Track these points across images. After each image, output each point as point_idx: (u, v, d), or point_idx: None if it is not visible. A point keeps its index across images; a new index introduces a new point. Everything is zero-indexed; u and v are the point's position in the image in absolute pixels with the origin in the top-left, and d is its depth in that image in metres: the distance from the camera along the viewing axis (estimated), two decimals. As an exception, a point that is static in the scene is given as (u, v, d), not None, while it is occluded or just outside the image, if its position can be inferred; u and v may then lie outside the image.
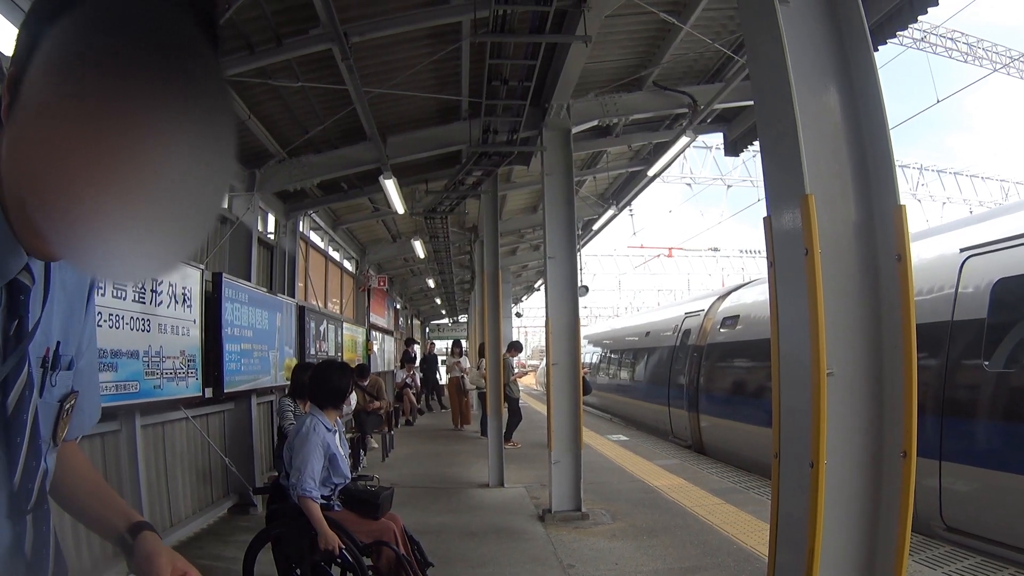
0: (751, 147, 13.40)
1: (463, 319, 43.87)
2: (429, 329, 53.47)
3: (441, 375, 27.14)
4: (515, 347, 17.91)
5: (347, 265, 21.30)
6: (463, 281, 29.80)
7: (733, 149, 13.74)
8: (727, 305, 16.18)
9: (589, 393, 19.78)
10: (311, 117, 10.55)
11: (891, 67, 18.70)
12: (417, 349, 28.08)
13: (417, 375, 24.36)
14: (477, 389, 18.88)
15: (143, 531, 1.62)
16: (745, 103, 11.38)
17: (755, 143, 12.70)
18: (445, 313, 46.90)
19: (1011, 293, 7.57)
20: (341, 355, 16.35)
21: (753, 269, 49.87)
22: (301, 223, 14.52)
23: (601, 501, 9.93)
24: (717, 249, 55.16)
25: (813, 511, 3.34)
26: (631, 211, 26.37)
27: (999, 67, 32.43)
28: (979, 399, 7.89)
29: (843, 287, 3.55)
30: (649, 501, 10.13)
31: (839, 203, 3.60)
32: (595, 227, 21.45)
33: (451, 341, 24.33)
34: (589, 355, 29.27)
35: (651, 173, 15.20)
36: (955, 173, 40.50)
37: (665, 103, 11.40)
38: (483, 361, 15.29)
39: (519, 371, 18.21)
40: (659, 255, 54.54)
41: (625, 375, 24.55)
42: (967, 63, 33.62)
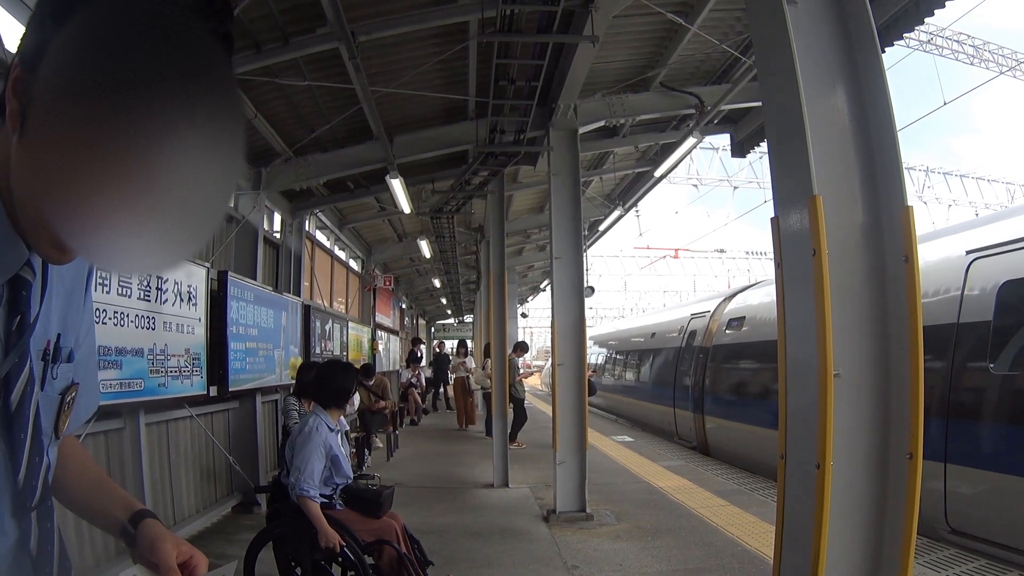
0: (758, 148, 13.39)
1: (468, 319, 43.97)
2: (435, 329, 53.57)
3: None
4: (521, 347, 17.90)
5: (353, 264, 21.33)
6: (469, 281, 29.83)
7: (740, 150, 13.74)
8: (733, 306, 16.17)
9: (594, 394, 19.79)
10: (317, 116, 10.56)
11: (898, 69, 18.73)
12: (423, 349, 28.11)
13: (423, 375, 24.34)
14: (482, 389, 18.88)
15: (145, 519, 1.59)
16: (752, 104, 11.39)
17: (762, 144, 12.69)
18: (451, 313, 46.98)
19: (1017, 295, 7.55)
20: (347, 354, 16.38)
21: (759, 271, 49.91)
22: (307, 222, 14.55)
23: (606, 502, 9.91)
24: (723, 250, 55.22)
25: (819, 513, 3.33)
26: (637, 212, 26.38)
27: (1005, 70, 32.38)
28: (984, 401, 7.88)
29: (850, 288, 3.54)
30: (654, 502, 10.12)
31: (846, 204, 3.59)
32: (601, 228, 21.47)
33: (456, 341, 24.31)
34: (594, 356, 29.23)
35: (658, 174, 15.22)
36: (961, 176, 40.46)
37: (672, 104, 11.39)
38: (488, 361, 15.28)
39: (524, 371, 18.18)
40: (665, 256, 54.67)
41: (630, 376, 24.53)
42: (973, 65, 33.58)
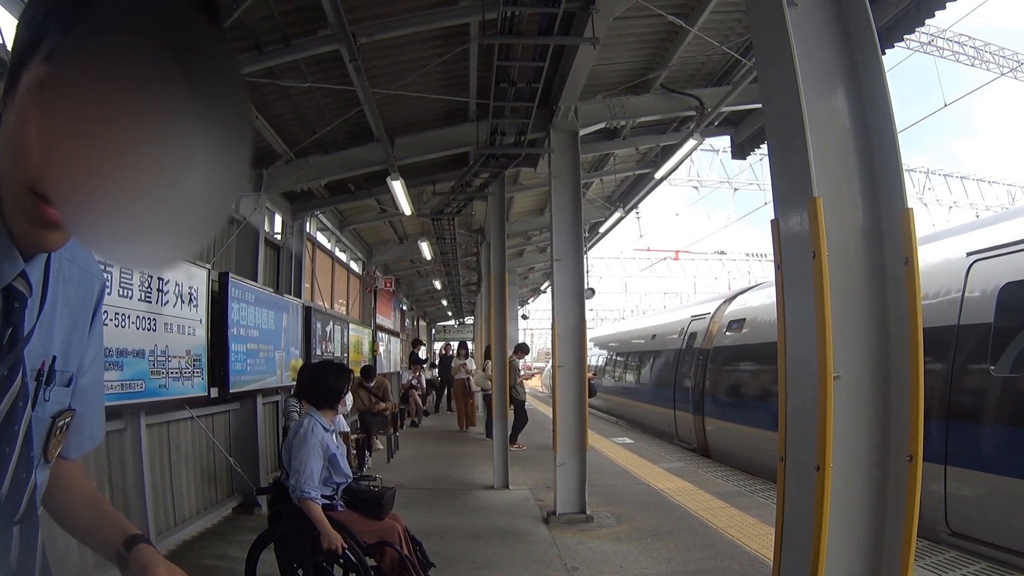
0: (758, 150, 13.38)
1: (469, 321, 43.93)
2: (435, 331, 53.52)
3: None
4: (522, 349, 17.89)
5: (354, 266, 21.33)
6: (469, 283, 29.81)
7: (740, 152, 13.74)
8: (733, 308, 16.17)
9: (594, 396, 19.78)
10: (319, 118, 10.57)
11: (898, 71, 18.70)
12: (423, 350, 28.09)
13: (423, 376, 24.32)
14: (483, 391, 18.88)
15: (138, 544, 1.60)
16: (752, 106, 11.39)
17: (762, 146, 12.70)
18: (451, 315, 46.93)
19: (1018, 297, 7.55)
20: (347, 356, 16.37)
21: (759, 272, 50.01)
22: (308, 224, 14.55)
23: (606, 504, 9.91)
24: (723, 252, 55.36)
25: (819, 515, 3.34)
26: (638, 214, 26.31)
27: (1006, 71, 32.32)
28: (985, 403, 7.87)
29: (850, 290, 3.54)
30: (654, 504, 10.12)
31: (847, 206, 3.60)
32: (602, 229, 21.47)
33: (457, 343, 24.29)
34: (595, 358, 29.22)
35: (658, 176, 15.20)
36: (962, 177, 40.41)
37: (672, 106, 11.39)
38: (489, 363, 15.28)
39: (525, 373, 18.18)
40: (665, 258, 54.75)
41: (631, 378, 24.51)
42: (974, 67, 33.51)
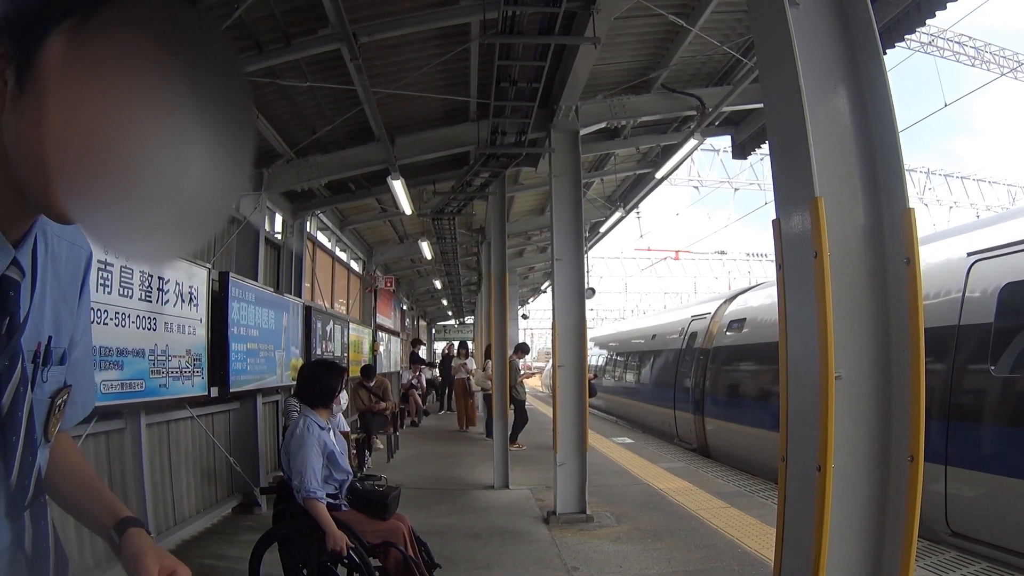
0: (759, 150, 13.38)
1: (469, 320, 43.95)
2: (435, 330, 53.54)
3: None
4: (522, 349, 17.88)
5: (354, 266, 21.33)
6: (470, 283, 29.80)
7: (741, 152, 13.75)
8: (733, 308, 16.17)
9: (594, 396, 19.77)
10: (319, 117, 10.56)
11: (899, 71, 18.73)
12: (423, 350, 28.09)
13: (424, 376, 24.31)
14: (483, 391, 18.87)
15: (129, 528, 1.59)
16: (753, 106, 11.38)
17: (763, 146, 12.70)
18: (451, 314, 46.95)
19: (1018, 297, 7.55)
20: (347, 355, 16.37)
21: (760, 272, 50.03)
22: (308, 223, 14.55)
23: (606, 504, 9.91)
24: (724, 252, 55.38)
25: (820, 515, 3.33)
26: (638, 213, 26.35)
27: (1007, 71, 32.29)
28: (985, 403, 7.87)
29: (852, 290, 3.53)
30: (654, 504, 10.12)
31: (848, 206, 3.58)
32: (602, 229, 21.48)
33: (457, 343, 24.30)
34: (595, 358, 29.23)
35: (659, 176, 15.20)
36: (962, 177, 40.42)
37: (673, 105, 11.39)
38: (489, 363, 15.28)
39: (525, 372, 18.19)
40: (666, 258, 54.76)
41: (631, 378, 24.53)
42: (975, 67, 33.49)
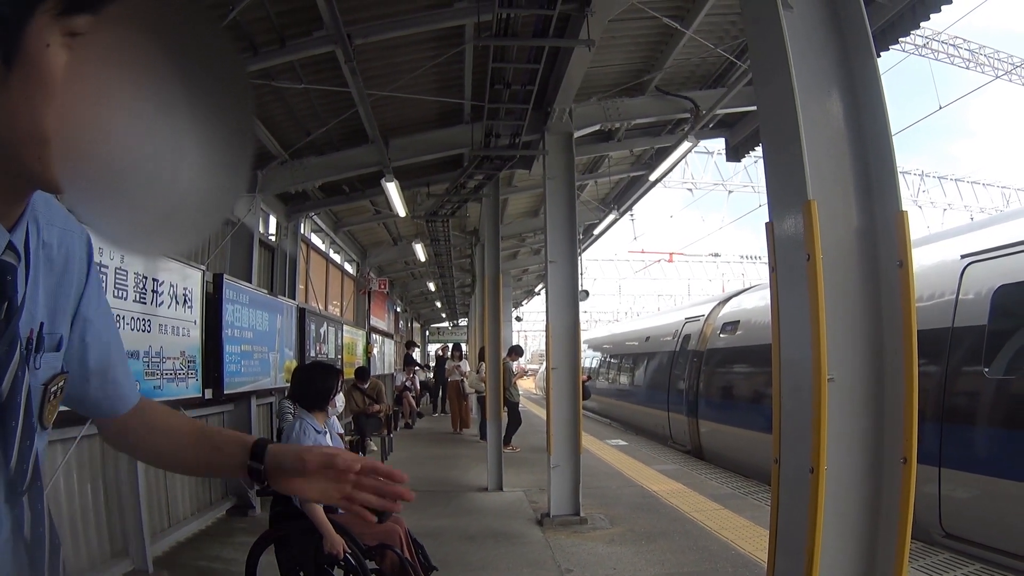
0: (752, 153, 13.39)
1: (463, 323, 43.90)
2: (429, 332, 53.52)
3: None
4: (516, 351, 17.89)
5: (348, 268, 21.34)
6: (464, 285, 29.81)
7: (735, 155, 13.76)
8: (727, 310, 16.18)
9: (588, 398, 19.80)
10: (313, 119, 10.56)
11: (893, 73, 18.76)
12: (417, 352, 28.09)
13: (417, 378, 24.31)
14: (477, 393, 18.87)
15: (267, 448, 1.61)
16: (747, 108, 11.39)
17: (757, 149, 12.71)
18: (445, 316, 46.95)
19: (1012, 300, 7.57)
20: (341, 357, 16.36)
21: (753, 275, 50.01)
22: (302, 225, 14.56)
23: (600, 506, 9.91)
24: (718, 254, 55.43)
25: (813, 517, 3.34)
26: (632, 216, 26.28)
27: (1001, 74, 32.37)
28: (979, 406, 7.89)
29: (844, 292, 3.55)
30: (648, 506, 10.12)
31: (841, 209, 3.60)
32: (596, 232, 21.48)
33: (451, 345, 24.30)
34: (589, 360, 29.23)
35: (652, 178, 15.23)
36: (956, 180, 40.57)
37: (667, 108, 11.40)
38: (483, 365, 15.28)
39: (518, 373, 18.19)
40: (660, 260, 54.76)
41: (625, 380, 24.51)
42: (969, 69, 33.64)
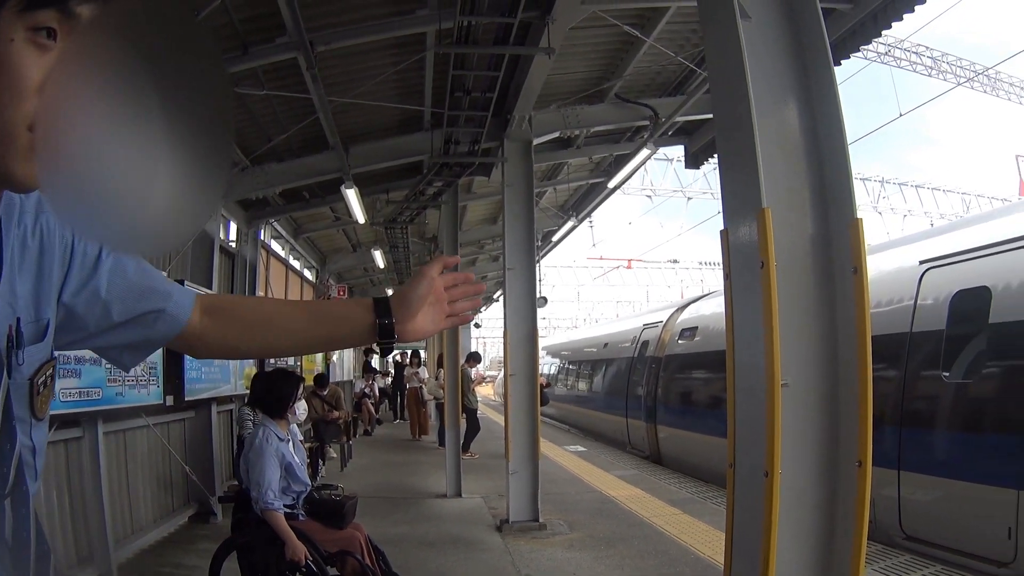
0: (711, 160, 13.47)
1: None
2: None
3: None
4: (474, 358, 17.92)
5: (307, 274, 21.17)
6: (423, 291, 29.65)
7: (694, 162, 13.85)
8: (685, 317, 16.27)
9: (547, 404, 19.81)
10: (275, 125, 10.48)
11: (855, 80, 18.91)
12: (376, 360, 27.96)
13: (376, 385, 24.21)
14: (435, 400, 18.85)
15: (387, 304, 1.66)
16: (706, 116, 11.45)
17: (716, 156, 12.80)
18: (405, 323, 46.70)
19: (970, 305, 7.70)
20: (300, 364, 16.26)
21: (712, 281, 50.14)
22: (263, 232, 14.45)
23: (559, 511, 9.93)
24: (676, 261, 55.46)
25: (767, 520, 3.36)
26: (591, 223, 26.44)
27: (962, 81, 32.86)
28: (938, 409, 8.01)
29: (799, 299, 3.58)
30: (607, 511, 10.16)
31: (796, 216, 3.64)
32: (555, 238, 21.47)
33: (410, 352, 24.24)
34: (547, 366, 29.25)
35: (611, 185, 15.26)
36: (916, 186, 40.96)
37: (627, 115, 11.44)
38: (441, 372, 15.28)
39: (477, 379, 18.23)
40: (618, 267, 54.79)
41: (583, 386, 24.58)
42: (932, 77, 34.07)
